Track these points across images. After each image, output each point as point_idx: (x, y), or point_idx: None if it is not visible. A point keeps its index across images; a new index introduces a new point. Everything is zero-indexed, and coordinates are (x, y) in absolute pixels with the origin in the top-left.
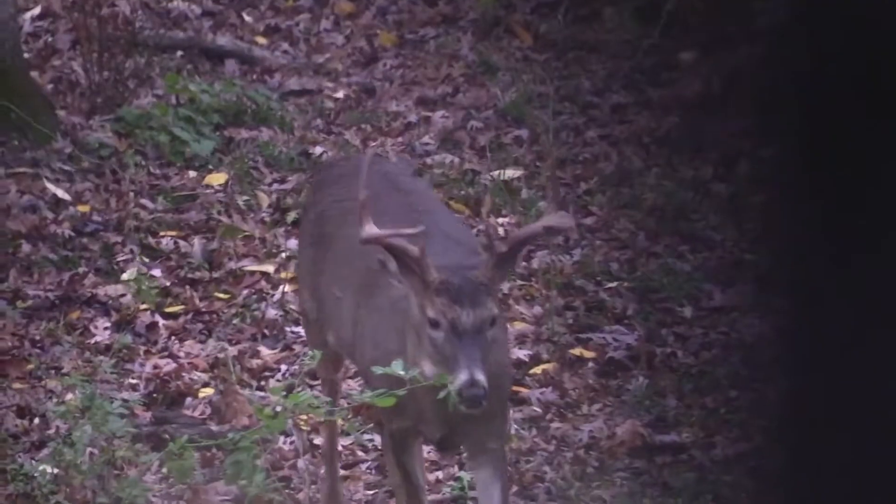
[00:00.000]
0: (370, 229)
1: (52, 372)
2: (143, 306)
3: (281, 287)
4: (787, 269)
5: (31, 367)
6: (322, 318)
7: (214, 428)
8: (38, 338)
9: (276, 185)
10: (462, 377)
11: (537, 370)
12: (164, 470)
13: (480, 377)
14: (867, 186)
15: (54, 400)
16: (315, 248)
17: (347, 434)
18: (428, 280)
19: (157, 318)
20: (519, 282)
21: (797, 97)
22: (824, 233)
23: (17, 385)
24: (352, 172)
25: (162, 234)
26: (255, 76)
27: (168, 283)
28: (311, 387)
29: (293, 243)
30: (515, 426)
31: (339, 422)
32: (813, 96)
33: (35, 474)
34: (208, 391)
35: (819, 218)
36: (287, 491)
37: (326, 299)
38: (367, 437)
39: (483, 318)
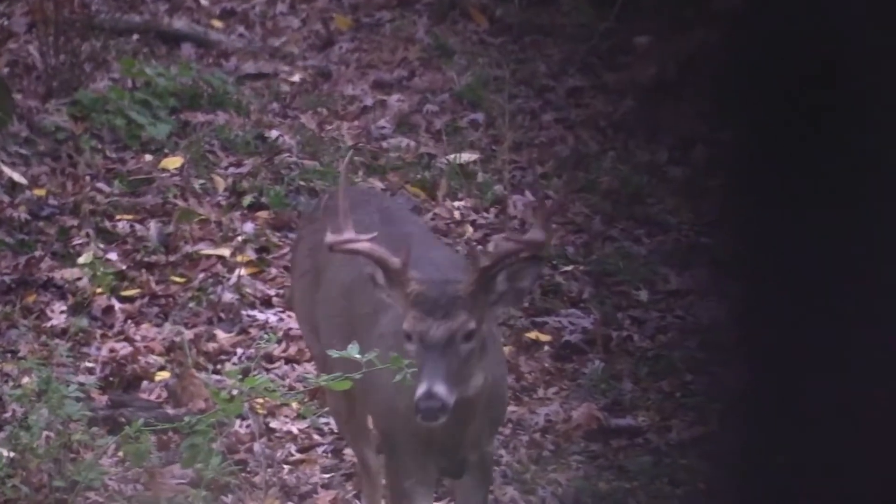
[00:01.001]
0: (334, 235)
1: (9, 355)
2: (99, 290)
3: (237, 270)
4: (743, 252)
5: None
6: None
7: (171, 411)
8: None
9: (231, 169)
10: (419, 389)
11: None
12: (121, 453)
13: (439, 389)
14: (823, 170)
15: (10, 383)
16: (309, 284)
17: (303, 417)
18: (406, 292)
19: (114, 301)
20: None
21: (752, 81)
22: (780, 216)
23: None
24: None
25: (118, 217)
26: (211, 60)
27: (124, 267)
28: (267, 370)
29: (249, 227)
30: None
31: (295, 405)
32: (768, 81)
33: None
34: (164, 375)
35: (775, 202)
36: (243, 474)
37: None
38: (322, 420)
39: (452, 329)
